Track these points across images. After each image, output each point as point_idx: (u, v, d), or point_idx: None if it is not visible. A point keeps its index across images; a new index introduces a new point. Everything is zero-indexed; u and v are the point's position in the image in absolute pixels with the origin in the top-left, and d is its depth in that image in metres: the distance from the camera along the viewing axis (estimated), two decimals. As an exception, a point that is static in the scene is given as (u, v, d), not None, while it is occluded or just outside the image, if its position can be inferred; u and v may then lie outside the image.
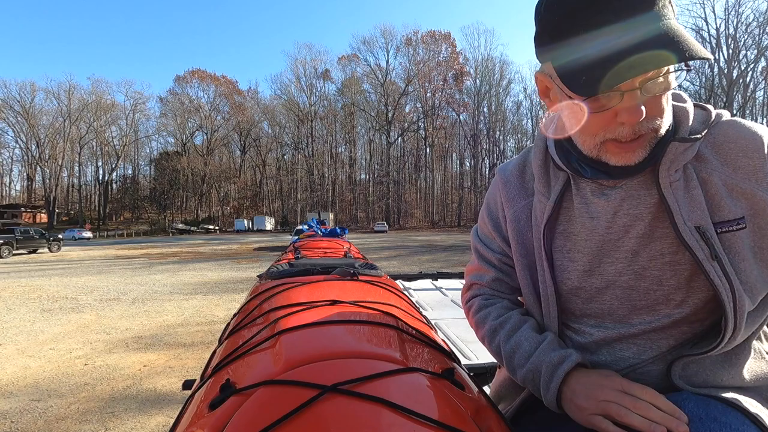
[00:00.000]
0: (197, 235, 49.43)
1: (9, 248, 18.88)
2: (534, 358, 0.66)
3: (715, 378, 0.61)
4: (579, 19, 0.52)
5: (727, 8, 35.04)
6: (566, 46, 0.55)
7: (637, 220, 0.62)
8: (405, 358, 0.60)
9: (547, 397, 0.63)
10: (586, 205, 0.66)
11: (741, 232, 0.58)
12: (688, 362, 0.61)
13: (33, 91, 60.01)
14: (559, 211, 0.69)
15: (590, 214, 0.65)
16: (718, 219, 0.58)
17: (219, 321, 6.09)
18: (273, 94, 73.07)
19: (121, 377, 3.92)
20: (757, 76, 38.09)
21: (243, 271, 12.28)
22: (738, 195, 0.58)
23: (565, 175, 0.68)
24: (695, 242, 0.57)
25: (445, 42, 66.53)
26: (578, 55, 0.53)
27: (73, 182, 68.60)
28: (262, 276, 1.33)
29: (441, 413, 0.46)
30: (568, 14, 0.53)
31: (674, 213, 0.58)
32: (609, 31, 0.51)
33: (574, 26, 0.53)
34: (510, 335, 0.71)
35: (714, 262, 0.57)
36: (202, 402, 0.57)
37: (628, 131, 0.55)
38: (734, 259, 0.58)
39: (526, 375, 0.67)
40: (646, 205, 0.61)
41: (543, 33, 0.58)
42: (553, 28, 0.56)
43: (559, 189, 0.68)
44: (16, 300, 8.02)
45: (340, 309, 0.79)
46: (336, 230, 3.04)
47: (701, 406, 0.54)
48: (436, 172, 66.09)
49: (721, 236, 0.58)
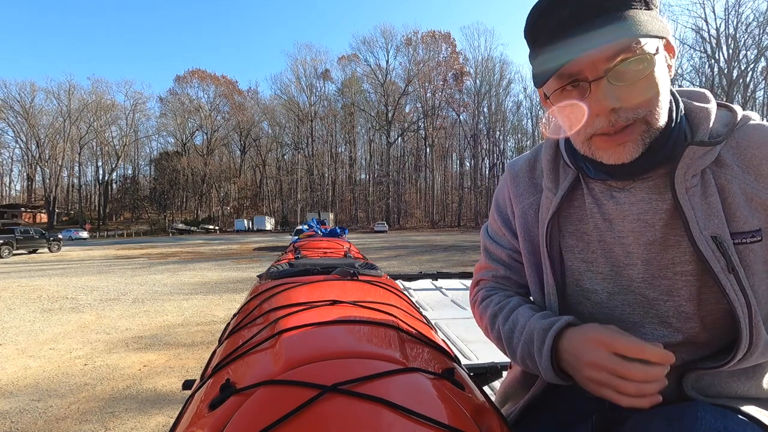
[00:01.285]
0: (197, 235, 49.43)
1: (9, 248, 18.88)
2: (527, 328, 0.64)
3: (731, 389, 0.58)
4: (540, 25, 0.56)
5: (727, 8, 35.04)
6: (533, 52, 0.59)
7: (647, 226, 0.59)
8: (405, 358, 0.60)
9: (542, 364, 0.60)
10: (598, 206, 0.64)
11: (756, 245, 0.54)
12: (702, 374, 0.58)
13: (33, 91, 60.02)
14: (570, 210, 0.68)
15: (603, 215, 0.63)
16: (734, 230, 0.55)
17: (219, 321, 6.09)
18: (273, 94, 73.17)
19: (121, 377, 3.92)
20: (757, 76, 38.06)
21: (243, 271, 12.28)
22: (757, 205, 0.55)
23: (574, 172, 0.67)
24: (711, 253, 0.54)
25: (445, 42, 66.55)
26: (536, 56, 0.57)
27: (73, 182, 68.63)
28: (262, 276, 1.34)
29: (441, 413, 0.46)
30: (533, 21, 0.57)
31: (690, 221, 0.55)
32: (565, 31, 0.53)
33: (539, 31, 0.56)
34: (508, 316, 0.70)
35: (731, 275, 0.54)
36: (202, 402, 0.57)
37: (605, 122, 0.54)
38: (747, 272, 0.55)
39: (522, 350, 0.65)
40: (657, 210, 0.59)
41: (525, 39, 0.61)
42: (527, 34, 0.59)
43: (567, 185, 0.67)
44: (16, 300, 8.02)
45: (340, 309, 0.79)
46: (336, 230, 3.04)
47: (719, 418, 0.50)
48: (436, 172, 66.08)
49: (738, 248, 0.55)
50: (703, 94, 0.62)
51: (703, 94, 0.62)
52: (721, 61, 35.34)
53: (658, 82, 0.53)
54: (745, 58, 35.16)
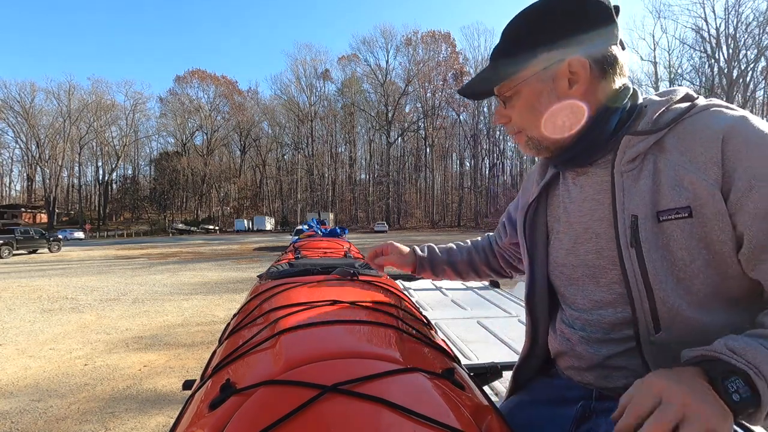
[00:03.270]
0: (197, 235, 49.43)
1: (9, 248, 18.89)
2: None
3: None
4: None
5: (727, 8, 35.05)
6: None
7: (598, 204, 0.70)
8: (405, 358, 0.60)
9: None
10: (567, 191, 0.76)
11: (684, 221, 0.59)
12: (656, 348, 0.62)
13: (33, 91, 60.04)
14: (551, 198, 0.80)
15: (570, 199, 0.75)
16: (662, 207, 0.60)
17: (219, 321, 6.10)
18: (273, 94, 73.13)
19: (122, 377, 3.92)
20: (757, 76, 38.07)
21: (243, 271, 12.28)
22: (687, 184, 0.58)
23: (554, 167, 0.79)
24: (623, 229, 0.63)
25: (444, 42, 66.51)
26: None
27: (73, 182, 68.64)
28: (262, 276, 1.33)
29: (441, 413, 0.46)
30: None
31: (616, 201, 0.65)
32: (490, 62, 0.74)
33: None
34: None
35: (632, 249, 0.62)
36: (202, 402, 0.57)
37: (508, 129, 0.75)
38: (673, 246, 0.59)
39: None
40: (605, 190, 0.68)
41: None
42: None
43: (549, 178, 0.79)
44: (16, 300, 8.02)
45: (340, 309, 0.79)
46: (336, 230, 3.04)
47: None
48: (436, 172, 66.07)
49: (664, 224, 0.60)
50: (674, 90, 0.69)
51: (674, 90, 0.69)
52: (721, 60, 35.37)
53: (535, 106, 0.69)
54: (745, 57, 35.19)
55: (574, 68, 0.65)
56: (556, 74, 0.67)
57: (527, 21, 0.68)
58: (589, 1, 0.65)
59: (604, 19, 0.65)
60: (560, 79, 0.67)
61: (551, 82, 0.67)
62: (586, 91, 0.66)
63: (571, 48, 0.65)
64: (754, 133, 0.56)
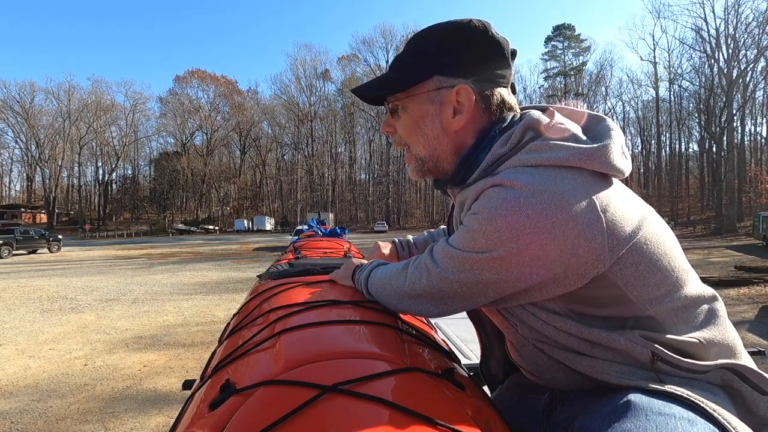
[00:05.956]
0: (197, 235, 49.43)
1: (9, 248, 18.89)
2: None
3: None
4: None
5: (727, 8, 35.06)
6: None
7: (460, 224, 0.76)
8: (405, 358, 0.60)
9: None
10: (456, 208, 0.81)
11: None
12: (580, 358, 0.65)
13: (33, 91, 60.10)
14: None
15: (456, 214, 0.79)
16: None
17: (219, 321, 6.10)
18: (273, 94, 73.16)
19: (121, 377, 3.92)
20: (757, 76, 38.13)
21: (243, 271, 12.28)
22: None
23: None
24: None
25: (444, 42, 66.51)
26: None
27: (73, 182, 68.68)
28: (262, 276, 1.33)
29: (441, 413, 0.46)
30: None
31: (454, 225, 0.77)
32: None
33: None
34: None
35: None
36: (202, 402, 0.57)
37: (394, 140, 0.79)
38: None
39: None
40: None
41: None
42: None
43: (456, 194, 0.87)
44: (16, 300, 8.02)
45: (340, 309, 0.79)
46: (336, 230, 3.03)
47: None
48: (436, 172, 66.04)
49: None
50: (513, 131, 0.68)
51: (513, 131, 0.68)
52: (720, 61, 35.37)
53: (419, 125, 0.72)
54: (744, 57, 35.20)
55: (461, 98, 0.69)
56: (443, 99, 0.70)
57: (434, 40, 0.70)
58: (492, 40, 0.69)
59: (501, 60, 0.70)
60: (446, 106, 0.70)
61: (438, 106, 0.71)
62: (467, 123, 0.70)
63: (464, 77, 0.69)
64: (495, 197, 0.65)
